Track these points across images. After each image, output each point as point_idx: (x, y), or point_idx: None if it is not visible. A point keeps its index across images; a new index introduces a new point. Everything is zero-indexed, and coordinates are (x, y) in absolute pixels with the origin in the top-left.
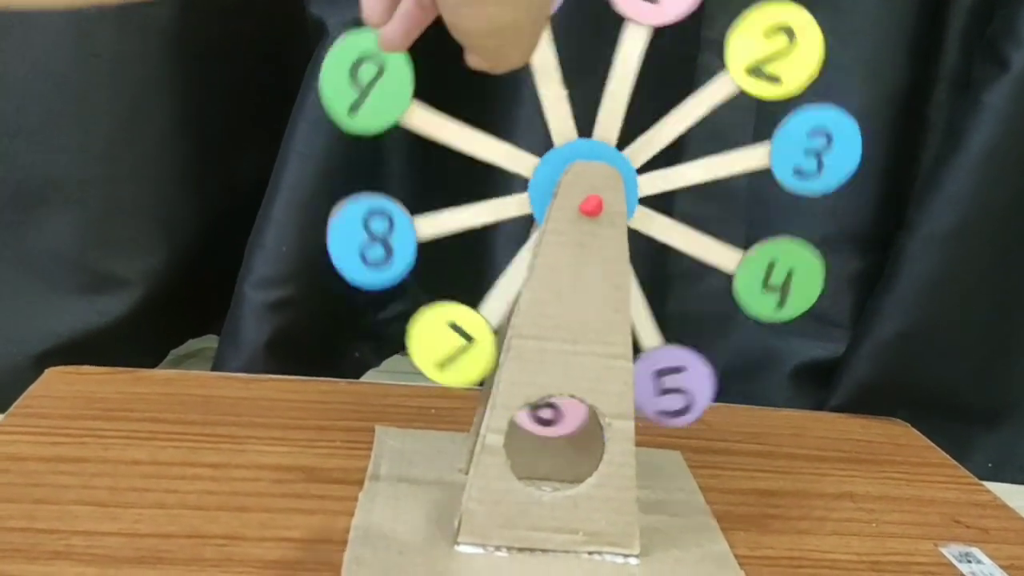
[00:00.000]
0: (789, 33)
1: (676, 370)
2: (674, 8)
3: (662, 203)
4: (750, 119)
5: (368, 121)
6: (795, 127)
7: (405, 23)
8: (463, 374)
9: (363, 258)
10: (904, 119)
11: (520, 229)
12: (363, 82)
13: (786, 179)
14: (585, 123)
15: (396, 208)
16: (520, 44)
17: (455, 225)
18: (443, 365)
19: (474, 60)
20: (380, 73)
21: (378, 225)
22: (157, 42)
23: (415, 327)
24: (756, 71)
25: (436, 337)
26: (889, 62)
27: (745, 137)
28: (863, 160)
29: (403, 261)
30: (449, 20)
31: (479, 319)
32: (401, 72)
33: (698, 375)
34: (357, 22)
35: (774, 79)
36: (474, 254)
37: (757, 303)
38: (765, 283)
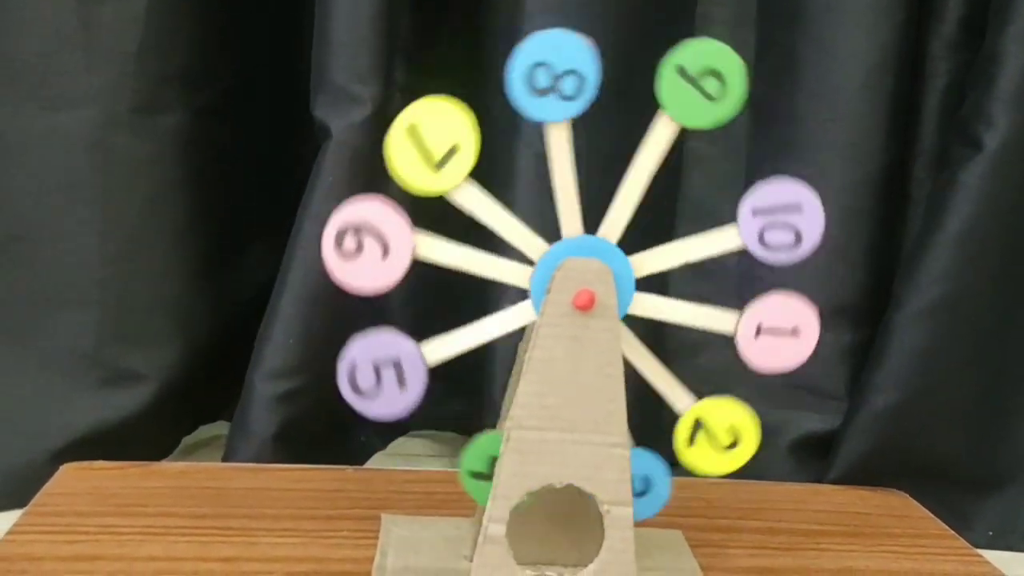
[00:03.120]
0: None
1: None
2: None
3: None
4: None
5: None
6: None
7: None
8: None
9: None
10: (887, 197)
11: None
12: None
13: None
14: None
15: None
16: None
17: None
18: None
19: None
20: None
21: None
22: (170, 147)
23: None
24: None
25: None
26: (870, 144)
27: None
28: (851, 236)
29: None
30: None
31: None
32: None
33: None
34: (359, 125)
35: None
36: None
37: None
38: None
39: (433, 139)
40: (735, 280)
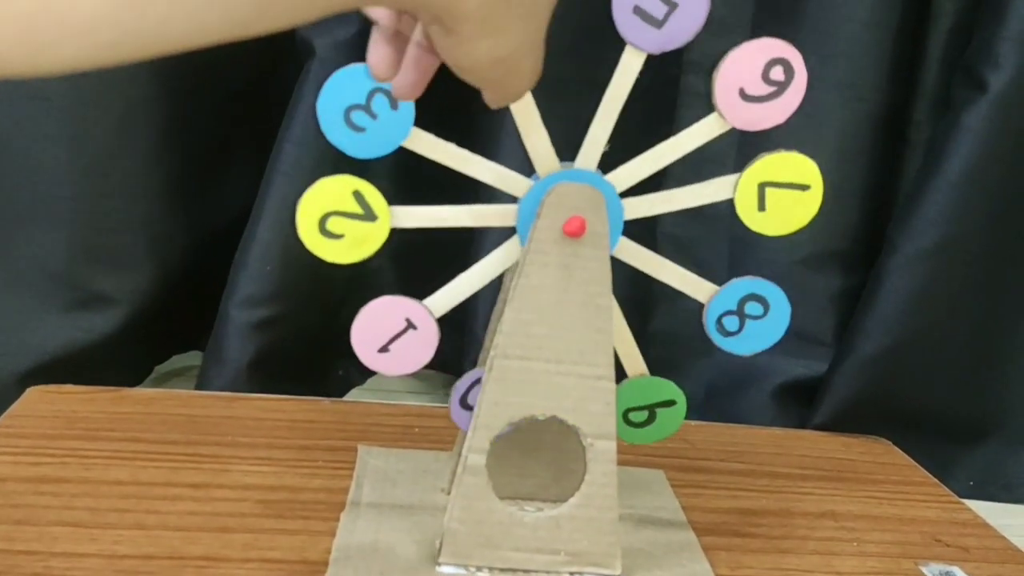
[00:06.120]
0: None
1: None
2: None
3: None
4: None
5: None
6: None
7: (415, 72)
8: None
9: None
10: (885, 139)
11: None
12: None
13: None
14: (567, 140)
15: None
16: (523, 70)
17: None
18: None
19: (488, 96)
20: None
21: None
22: (145, 62)
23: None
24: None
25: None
26: (871, 83)
27: (726, 168)
28: (846, 177)
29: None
30: (449, 60)
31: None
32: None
33: None
34: (344, 43)
35: None
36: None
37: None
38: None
39: None
40: (726, 222)
